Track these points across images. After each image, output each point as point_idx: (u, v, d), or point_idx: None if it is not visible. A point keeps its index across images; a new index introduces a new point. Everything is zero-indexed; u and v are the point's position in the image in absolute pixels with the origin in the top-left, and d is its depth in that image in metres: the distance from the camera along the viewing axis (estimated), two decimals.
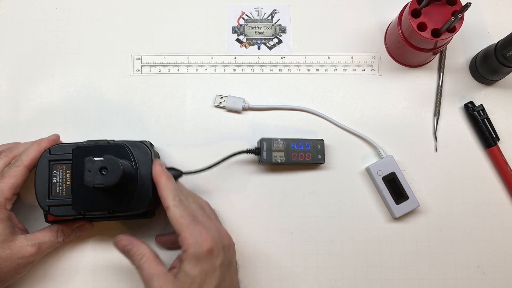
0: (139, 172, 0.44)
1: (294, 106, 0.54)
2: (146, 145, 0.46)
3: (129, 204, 0.44)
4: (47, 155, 0.45)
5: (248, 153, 0.51)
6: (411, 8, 0.48)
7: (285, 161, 0.51)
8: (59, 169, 0.45)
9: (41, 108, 0.54)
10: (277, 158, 0.51)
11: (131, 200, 0.43)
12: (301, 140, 0.52)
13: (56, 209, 0.44)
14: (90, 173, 0.39)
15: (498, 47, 0.50)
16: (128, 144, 0.45)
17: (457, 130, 0.55)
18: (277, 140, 0.51)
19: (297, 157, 0.51)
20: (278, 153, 0.51)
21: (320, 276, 0.52)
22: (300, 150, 0.51)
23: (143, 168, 0.44)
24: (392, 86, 0.55)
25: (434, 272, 0.52)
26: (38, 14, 0.56)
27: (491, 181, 0.54)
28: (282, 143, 0.51)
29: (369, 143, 0.54)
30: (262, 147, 0.51)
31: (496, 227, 0.53)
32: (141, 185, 0.44)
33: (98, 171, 0.39)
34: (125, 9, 0.57)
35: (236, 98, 0.54)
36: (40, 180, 0.45)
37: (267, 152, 0.51)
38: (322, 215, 0.53)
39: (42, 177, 0.45)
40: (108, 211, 0.44)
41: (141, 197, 0.44)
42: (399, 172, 0.52)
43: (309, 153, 0.51)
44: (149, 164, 0.45)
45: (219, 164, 0.50)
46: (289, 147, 0.51)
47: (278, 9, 0.57)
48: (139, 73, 0.55)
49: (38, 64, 0.55)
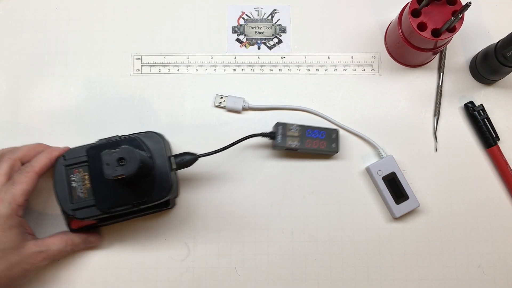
0: (154, 160, 0.44)
1: (294, 106, 0.54)
2: (156, 133, 0.46)
3: (151, 194, 0.43)
4: (62, 160, 0.45)
5: (262, 137, 0.51)
6: (411, 8, 0.48)
7: (299, 146, 0.51)
8: (76, 173, 0.45)
9: (41, 108, 0.54)
10: (291, 143, 0.51)
11: (152, 190, 0.43)
12: (317, 128, 0.52)
13: (81, 212, 0.44)
14: (109, 166, 0.39)
15: (498, 47, 0.50)
16: (139, 136, 0.45)
17: (457, 130, 0.55)
18: (292, 125, 0.51)
19: (311, 144, 0.51)
20: (293, 139, 0.51)
21: (320, 276, 0.52)
22: (314, 137, 0.51)
23: (157, 156, 0.45)
24: (392, 86, 0.55)
25: (434, 272, 0.52)
26: (38, 14, 0.56)
27: (491, 181, 0.54)
28: (297, 129, 0.51)
29: (369, 143, 0.54)
30: (277, 131, 0.51)
31: (496, 227, 0.53)
32: (159, 173, 0.44)
33: (116, 162, 0.39)
34: (125, 9, 0.57)
35: (236, 98, 0.54)
36: (59, 186, 0.45)
37: (282, 136, 0.51)
38: (322, 215, 0.53)
39: (60, 183, 0.45)
40: (132, 204, 0.43)
41: (161, 186, 0.44)
42: (399, 172, 0.52)
43: (323, 142, 0.51)
44: (163, 152, 0.45)
45: (232, 146, 0.49)
46: (304, 134, 0.51)
47: (278, 9, 0.57)
48: (139, 73, 0.55)
49: (38, 64, 0.55)
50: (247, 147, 0.54)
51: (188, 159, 0.46)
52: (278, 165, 0.53)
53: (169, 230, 0.52)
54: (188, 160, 0.47)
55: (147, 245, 0.52)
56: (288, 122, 0.52)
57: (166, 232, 0.52)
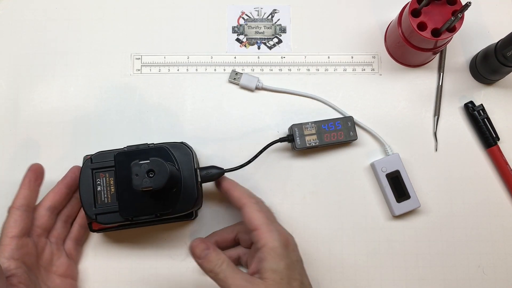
0: (181, 172, 0.44)
1: (307, 93, 0.54)
2: (186, 145, 0.46)
3: (175, 206, 0.43)
4: (89, 164, 0.45)
5: (281, 142, 0.51)
6: (411, 8, 0.48)
7: (319, 143, 0.51)
8: (102, 177, 0.45)
9: (41, 108, 0.54)
10: (311, 141, 0.51)
11: (177, 202, 0.43)
12: (331, 120, 0.52)
13: (103, 217, 0.44)
14: (138, 177, 0.39)
15: (498, 47, 0.50)
16: (169, 146, 0.45)
17: (457, 130, 0.55)
18: (307, 123, 0.51)
19: (330, 138, 0.51)
20: (311, 137, 0.51)
21: (321, 276, 0.52)
22: (331, 130, 0.51)
23: (185, 168, 0.44)
24: (392, 86, 0.55)
25: (434, 272, 0.52)
26: (38, 14, 0.56)
27: (491, 181, 0.54)
28: (313, 126, 0.51)
29: (377, 139, 0.54)
30: (294, 133, 0.51)
31: (496, 227, 0.53)
32: (185, 185, 0.44)
33: (145, 174, 0.39)
34: (125, 9, 0.57)
35: (251, 76, 0.54)
36: (84, 189, 0.45)
37: (300, 137, 0.51)
38: (322, 215, 0.53)
39: (86, 186, 0.45)
40: (155, 214, 0.43)
41: (186, 198, 0.44)
42: (404, 171, 0.52)
43: (340, 132, 0.51)
44: (191, 164, 0.45)
45: (257, 157, 0.49)
46: (320, 129, 0.51)
47: (278, 9, 0.57)
48: (139, 73, 0.55)
49: (38, 64, 0.55)
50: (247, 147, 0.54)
51: (214, 173, 0.46)
52: (278, 165, 0.53)
53: (169, 230, 0.52)
54: (214, 174, 0.46)
55: (147, 245, 0.52)
56: (298, 117, 0.53)
57: (165, 232, 0.52)
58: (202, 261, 0.41)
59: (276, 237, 0.40)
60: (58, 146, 0.53)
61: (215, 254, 0.41)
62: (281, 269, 0.39)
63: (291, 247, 0.42)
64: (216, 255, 0.41)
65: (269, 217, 0.42)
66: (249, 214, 0.42)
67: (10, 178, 0.53)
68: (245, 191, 0.44)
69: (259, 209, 0.42)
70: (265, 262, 0.40)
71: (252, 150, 0.51)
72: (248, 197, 0.43)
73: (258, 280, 0.40)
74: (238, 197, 0.43)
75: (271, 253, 0.40)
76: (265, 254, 0.40)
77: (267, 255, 0.40)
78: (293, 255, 0.42)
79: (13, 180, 0.53)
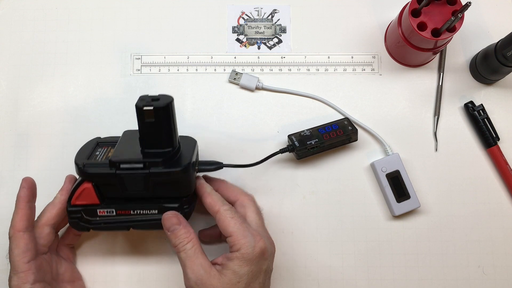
0: (181, 146, 0.45)
1: (307, 93, 0.55)
2: (192, 138, 0.48)
3: (166, 162, 0.42)
4: (98, 138, 0.48)
5: (282, 153, 0.51)
6: (411, 8, 0.48)
7: (319, 143, 0.50)
8: (104, 148, 0.46)
9: (41, 108, 0.54)
10: (310, 141, 0.50)
11: (169, 160, 0.43)
12: (327, 124, 0.52)
13: (92, 167, 0.43)
14: (142, 100, 0.41)
15: (498, 47, 0.50)
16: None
17: (457, 130, 0.55)
18: (303, 131, 0.51)
19: (329, 137, 0.51)
20: (311, 142, 0.51)
21: (321, 276, 0.52)
22: (329, 131, 0.51)
23: (185, 149, 0.45)
24: (392, 86, 0.55)
25: (434, 272, 0.52)
26: (38, 14, 0.56)
27: (491, 181, 0.54)
28: (310, 131, 0.51)
29: (377, 139, 0.54)
30: (293, 142, 0.51)
31: (496, 227, 0.53)
32: (181, 154, 0.44)
33: (149, 98, 0.41)
34: (125, 9, 0.57)
35: (251, 76, 0.54)
36: (82, 150, 0.46)
37: (299, 141, 0.50)
38: (322, 215, 0.53)
39: (85, 149, 0.46)
40: (144, 164, 0.42)
41: (178, 161, 0.43)
42: (404, 171, 0.52)
43: (339, 130, 0.51)
44: (192, 149, 0.46)
45: (260, 163, 0.50)
46: (318, 133, 0.51)
47: (278, 9, 0.57)
48: (139, 72, 0.55)
49: (38, 64, 0.55)
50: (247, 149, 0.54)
51: (212, 162, 0.47)
52: (278, 165, 0.53)
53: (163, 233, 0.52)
54: (212, 163, 0.47)
55: (147, 245, 0.52)
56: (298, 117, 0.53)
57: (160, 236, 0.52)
58: (170, 234, 0.42)
59: (251, 243, 0.41)
60: (57, 146, 0.53)
61: (184, 232, 0.42)
62: (242, 273, 0.40)
63: (266, 255, 0.42)
64: (185, 232, 0.42)
65: (242, 223, 0.42)
66: (222, 221, 0.42)
67: (10, 178, 0.53)
68: (218, 198, 0.44)
69: (232, 215, 0.42)
70: (230, 262, 0.41)
71: (252, 150, 0.51)
72: (221, 204, 0.43)
73: (215, 271, 0.40)
74: (211, 204, 0.43)
75: (240, 257, 0.40)
76: (234, 256, 0.41)
77: (235, 257, 0.41)
78: (263, 263, 0.42)
79: (13, 180, 0.53)
